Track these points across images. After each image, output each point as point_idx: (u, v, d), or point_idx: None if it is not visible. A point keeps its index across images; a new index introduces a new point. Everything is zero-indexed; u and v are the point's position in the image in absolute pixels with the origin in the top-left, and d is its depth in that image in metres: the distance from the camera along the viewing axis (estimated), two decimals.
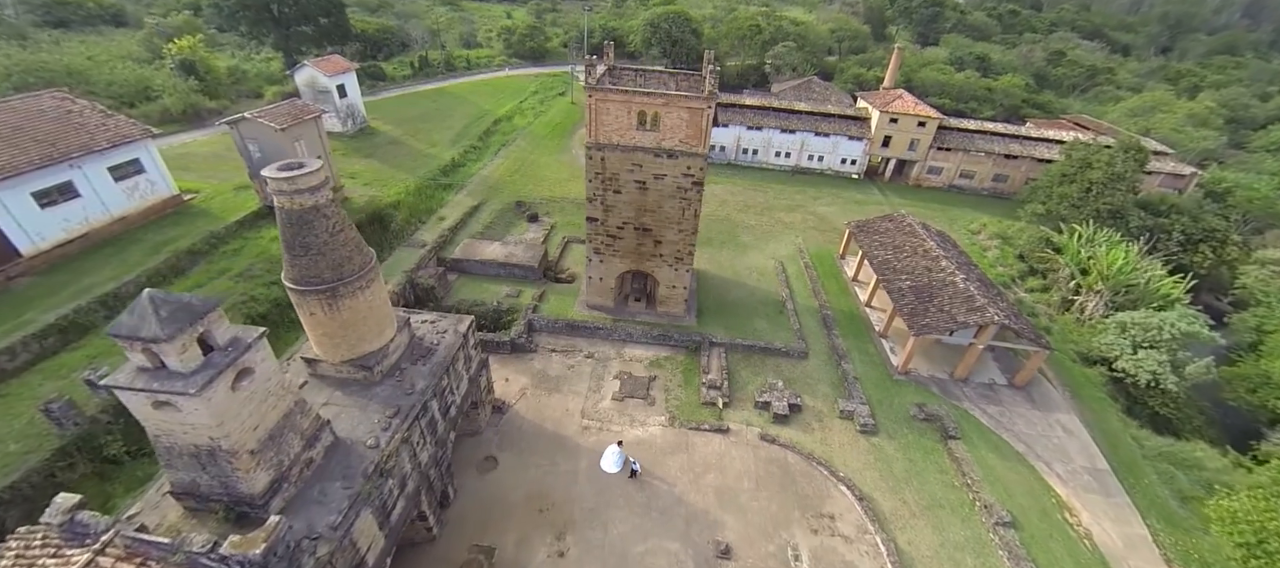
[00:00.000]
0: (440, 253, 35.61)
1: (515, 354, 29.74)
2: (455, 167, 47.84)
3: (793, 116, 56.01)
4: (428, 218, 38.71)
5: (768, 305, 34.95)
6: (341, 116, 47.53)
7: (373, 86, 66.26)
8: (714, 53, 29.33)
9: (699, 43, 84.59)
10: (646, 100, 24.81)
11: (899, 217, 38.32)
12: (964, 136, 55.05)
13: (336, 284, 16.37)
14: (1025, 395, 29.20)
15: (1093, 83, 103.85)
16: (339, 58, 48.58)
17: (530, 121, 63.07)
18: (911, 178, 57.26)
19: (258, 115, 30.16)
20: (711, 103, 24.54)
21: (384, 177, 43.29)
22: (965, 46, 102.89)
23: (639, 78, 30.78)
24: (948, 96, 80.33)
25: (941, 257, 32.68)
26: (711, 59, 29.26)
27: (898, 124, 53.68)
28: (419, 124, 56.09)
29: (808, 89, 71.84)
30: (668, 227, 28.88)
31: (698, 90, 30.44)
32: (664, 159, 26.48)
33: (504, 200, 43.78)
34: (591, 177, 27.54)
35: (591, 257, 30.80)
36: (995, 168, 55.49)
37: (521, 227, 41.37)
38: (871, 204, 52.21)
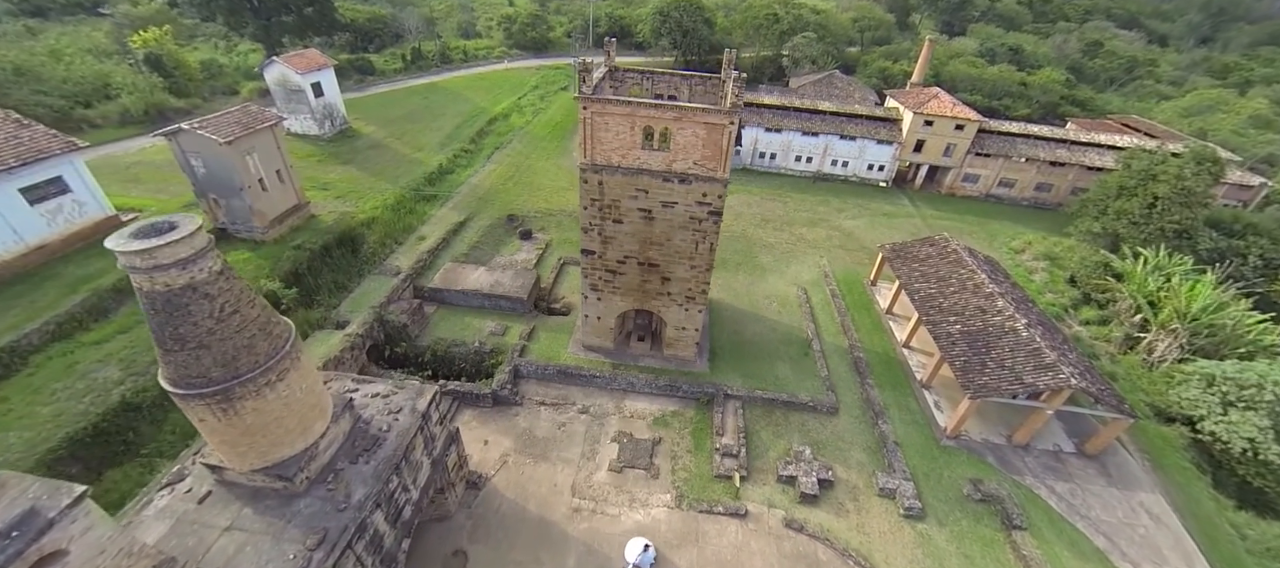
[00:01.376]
0: (418, 281, 31.41)
1: (498, 409, 25.63)
2: (443, 174, 43.45)
3: (815, 117, 50.88)
4: (406, 238, 34.45)
5: (790, 345, 30.49)
6: (318, 118, 43.22)
7: (361, 81, 61.79)
8: (735, 52, 24.59)
9: (712, 33, 78.98)
10: (654, 114, 20.23)
11: (941, 240, 33.52)
12: (1005, 141, 49.70)
13: (231, 384, 12.17)
14: (1099, 467, 24.64)
15: (1131, 76, 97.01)
16: (314, 52, 44.15)
17: (528, 120, 58.38)
18: (944, 186, 52.08)
19: (199, 125, 25.89)
20: (735, 117, 19.90)
21: (361, 187, 39.02)
22: (996, 37, 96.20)
23: (645, 82, 26.12)
24: (979, 92, 74.41)
25: (996, 293, 27.96)
26: (732, 59, 24.59)
27: (933, 126, 48.44)
28: (406, 125, 51.64)
29: (829, 84, 66.37)
30: (678, 262, 24.43)
31: (717, 100, 25.78)
32: (675, 184, 21.96)
33: (494, 214, 39.40)
34: (587, 203, 23.10)
35: (587, 294, 26.47)
36: (1039, 176, 50.15)
37: (513, 245, 37.03)
38: (901, 217, 47.25)
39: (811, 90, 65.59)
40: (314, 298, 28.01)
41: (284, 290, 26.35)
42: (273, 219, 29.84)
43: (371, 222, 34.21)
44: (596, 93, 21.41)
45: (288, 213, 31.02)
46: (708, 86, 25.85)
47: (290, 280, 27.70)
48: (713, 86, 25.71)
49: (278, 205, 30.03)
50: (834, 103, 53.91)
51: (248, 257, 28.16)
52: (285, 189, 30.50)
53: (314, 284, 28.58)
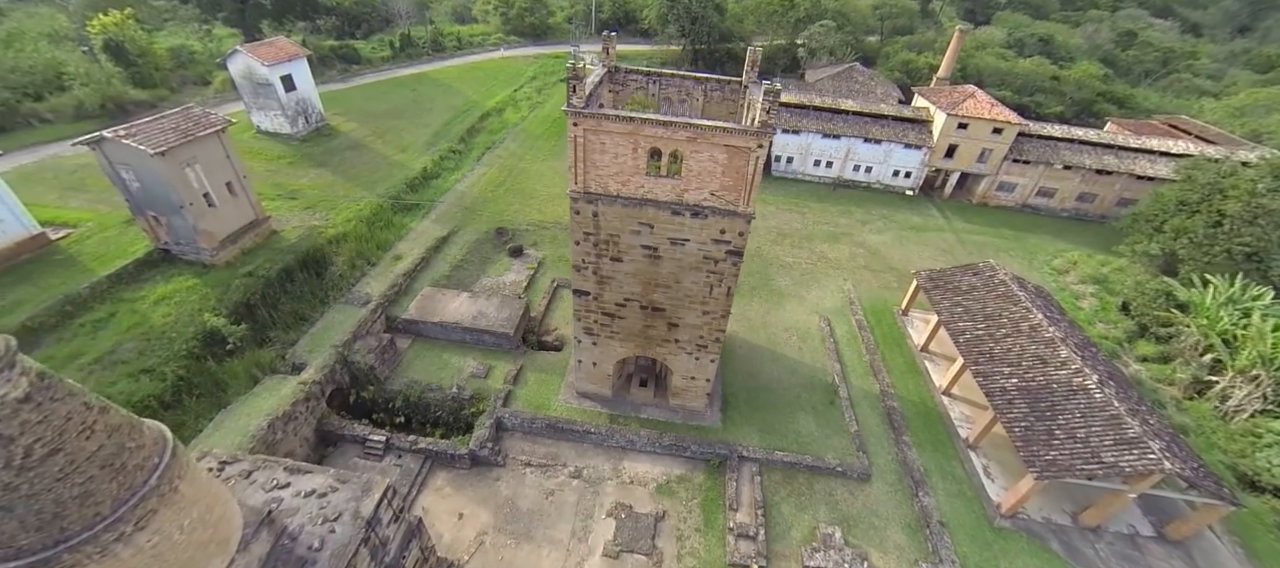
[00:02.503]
0: (390, 310, 27.69)
1: (476, 471, 22.08)
2: (427, 179, 39.43)
3: (837, 118, 46.38)
4: (380, 257, 30.60)
5: (813, 391, 26.70)
6: (289, 115, 39.13)
7: (345, 72, 57.43)
8: (758, 51, 20.41)
9: (722, 20, 73.76)
10: (662, 133, 16.20)
11: (986, 268, 29.44)
12: (1046, 146, 45.11)
13: (53, 553, 8.48)
14: (1183, 556, 20.91)
15: (1167, 70, 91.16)
16: (284, 41, 39.87)
17: (524, 116, 54.03)
18: (977, 194, 47.67)
19: (125, 133, 21.96)
20: (764, 139, 15.84)
21: (335, 194, 35.12)
22: (1024, 26, 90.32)
23: (651, 86, 21.98)
24: (1007, 87, 69.23)
25: (1057, 338, 24.01)
26: (755, 59, 20.38)
27: (967, 130, 43.89)
28: (390, 121, 47.46)
29: (848, 78, 61.52)
30: (688, 307, 20.58)
31: (736, 108, 21.66)
32: (686, 218, 18.01)
33: (481, 227, 35.45)
34: (579, 237, 19.21)
35: (581, 338, 22.68)
36: (1082, 185, 45.66)
37: (501, 264, 33.17)
38: (931, 230, 43.02)
39: (830, 85, 60.84)
40: (267, 334, 24.34)
41: (230, 327, 22.69)
42: (224, 239, 26.09)
43: (342, 238, 30.38)
44: (590, 105, 17.35)
45: (243, 230, 27.24)
46: (726, 93, 21.70)
47: (240, 313, 24.05)
48: (732, 93, 21.56)
49: (229, 223, 26.25)
50: (856, 101, 49.29)
51: (192, 284, 24.46)
52: (239, 204, 26.68)
53: (269, 317, 24.91)
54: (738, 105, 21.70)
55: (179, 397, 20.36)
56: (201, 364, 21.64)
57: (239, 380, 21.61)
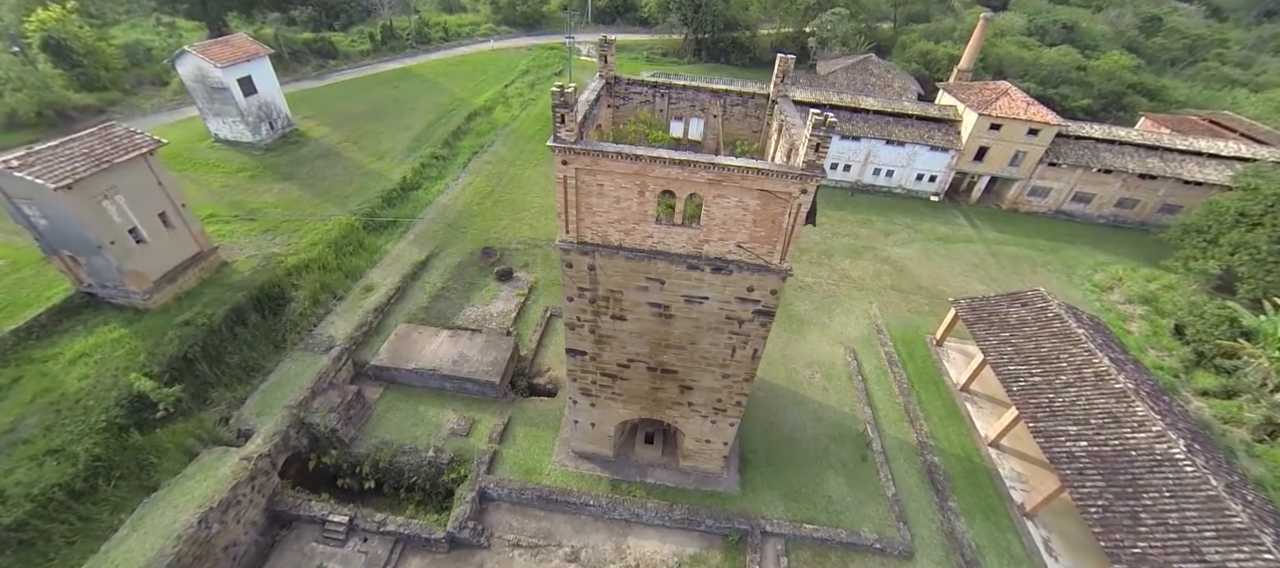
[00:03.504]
0: (358, 354, 24.17)
1: (456, 555, 18.83)
2: (406, 191, 35.63)
3: (856, 117, 42.46)
4: (349, 288, 26.99)
5: (843, 443, 23.40)
6: (250, 121, 35.10)
7: (320, 68, 53.08)
8: (789, 60, 16.70)
9: (727, 8, 69.14)
10: (678, 174, 12.54)
11: (1035, 298, 25.95)
12: (1086, 148, 41.33)
13: None
14: None
15: (1194, 58, 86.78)
16: (242, 38, 35.66)
17: (515, 115, 49.96)
18: (1007, 200, 43.98)
19: (21, 163, 18.18)
20: (811, 184, 12.21)
21: (300, 212, 31.36)
22: (1045, 11, 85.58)
23: (659, 99, 18.22)
24: (1031, 79, 65.09)
25: (1129, 390, 20.65)
26: (787, 68, 16.62)
27: (1000, 131, 40.05)
28: (368, 124, 43.42)
29: (863, 71, 57.29)
30: (705, 370, 17.12)
31: (761, 125, 17.96)
32: (706, 273, 14.44)
33: (466, 247, 31.78)
34: (572, 294, 15.65)
35: (576, 398, 19.25)
36: (1123, 190, 41.98)
37: (488, 290, 29.59)
38: (959, 241, 39.44)
39: (843, 78, 56.65)
40: (210, 393, 20.85)
41: (161, 391, 19.18)
42: (159, 279, 22.44)
43: (305, 267, 26.72)
44: (585, 131, 13.64)
45: (184, 266, 23.59)
46: (749, 108, 17.94)
47: (176, 370, 20.51)
48: (756, 108, 17.82)
49: (165, 260, 22.59)
50: (873, 96, 45.35)
51: (119, 336, 20.88)
52: (177, 237, 22.99)
53: (212, 372, 21.39)
54: (763, 123, 17.98)
55: (93, 483, 16.94)
56: (124, 439, 18.18)
57: (171, 456, 18.20)
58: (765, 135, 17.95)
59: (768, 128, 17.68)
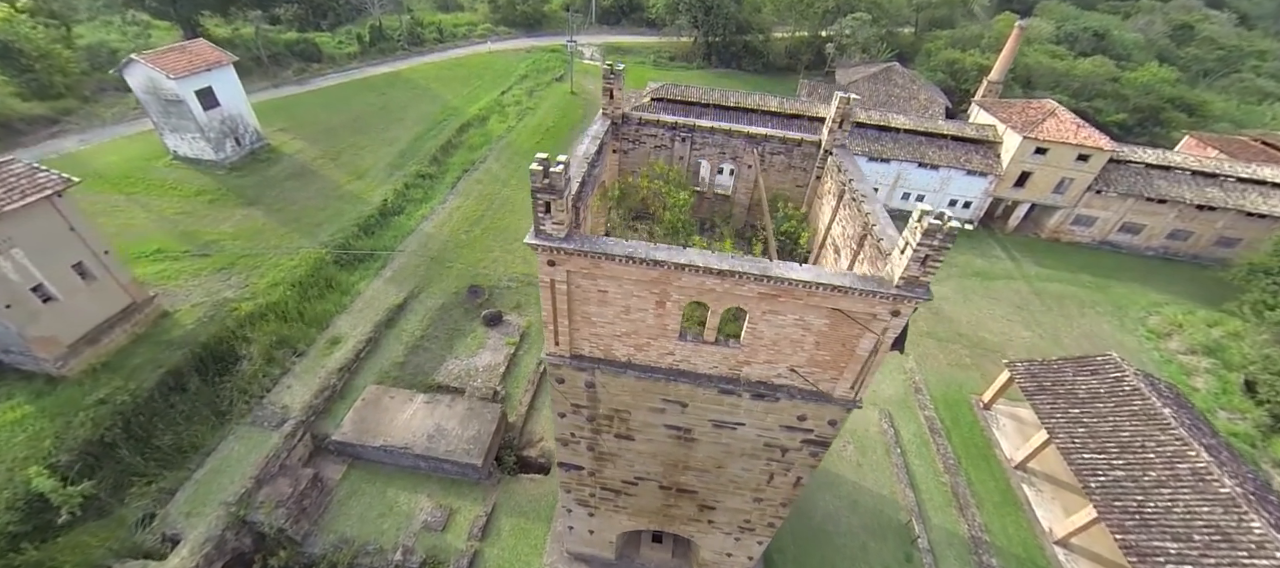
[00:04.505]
0: (317, 426, 20.63)
1: None
2: (386, 216, 32.00)
3: (886, 137, 38.70)
4: (312, 341, 23.40)
5: (884, 538, 19.88)
6: (211, 137, 31.40)
7: (302, 72, 49.32)
8: (850, 101, 13.01)
9: (739, 10, 65.21)
10: (717, 286, 8.82)
11: (1106, 365, 22.25)
12: (1137, 176, 37.52)
13: None
14: None
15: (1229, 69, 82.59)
16: (202, 44, 31.90)
17: (511, 126, 46.25)
18: (1047, 228, 40.24)
19: None
20: (907, 305, 8.57)
21: (264, 244, 27.75)
22: (1073, 18, 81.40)
23: (676, 143, 14.54)
24: (1063, 91, 61.25)
25: (1238, 495, 17.06)
26: (847, 111, 12.91)
27: (1046, 155, 36.27)
28: (350, 137, 39.72)
29: (887, 81, 53.42)
30: (733, 492, 13.54)
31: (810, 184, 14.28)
32: (742, 398, 10.80)
33: (451, 285, 28.19)
34: (565, 410, 12.06)
35: (570, 507, 15.68)
36: (1177, 220, 38.21)
37: (474, 337, 25.98)
38: (999, 278, 35.75)
39: (865, 88, 52.79)
40: (132, 483, 17.33)
41: (63, 492, 15.65)
42: (77, 340, 18.89)
43: (261, 316, 23.15)
44: (579, 227, 9.99)
45: (111, 323, 20.03)
46: (793, 158, 14.25)
47: (90, 458, 16.98)
48: (804, 158, 14.15)
49: (84, 318, 19.03)
50: (898, 108, 41.61)
51: (22, 415, 17.34)
52: (100, 289, 19.42)
53: (137, 458, 17.83)
54: (810, 175, 14.30)
55: None
56: (16, 557, 14.66)
57: None
58: (814, 193, 14.29)
59: (818, 184, 14.03)
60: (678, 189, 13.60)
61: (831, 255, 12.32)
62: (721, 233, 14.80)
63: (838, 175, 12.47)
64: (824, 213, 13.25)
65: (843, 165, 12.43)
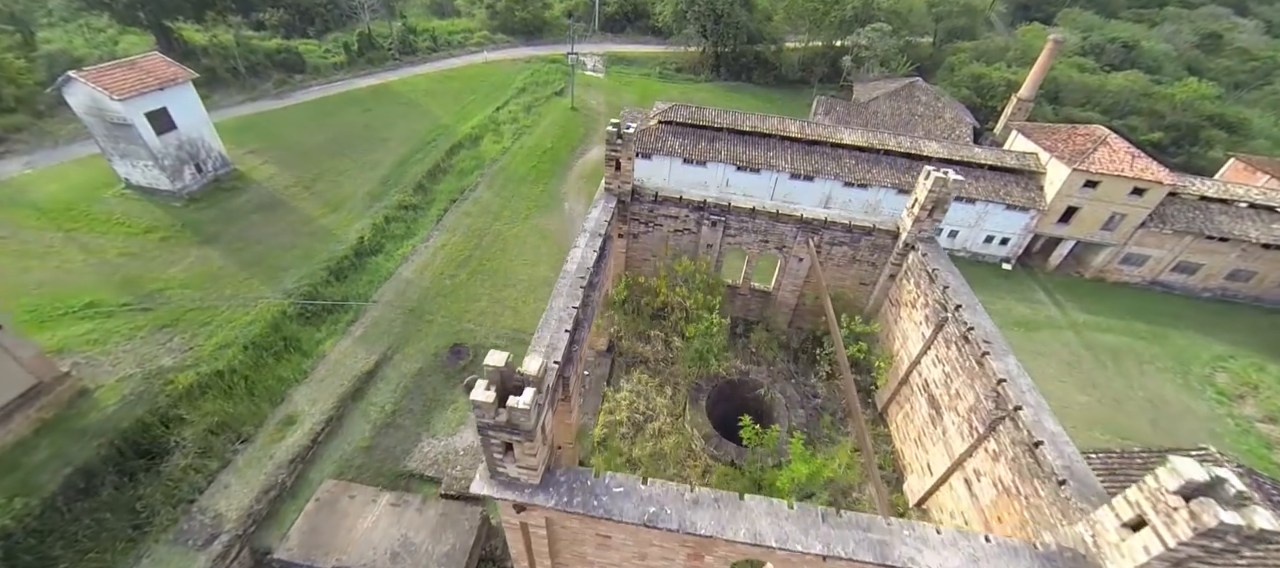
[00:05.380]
0: (257, 538, 17.12)
1: None
2: (361, 257, 28.55)
3: (917, 167, 35.12)
4: (262, 421, 19.90)
5: None
6: (167, 165, 27.92)
7: (283, 85, 45.92)
8: (945, 177, 9.65)
9: (751, 19, 61.79)
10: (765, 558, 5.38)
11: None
12: (1195, 211, 33.94)
13: None
14: None
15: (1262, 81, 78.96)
16: (156, 59, 28.39)
17: (506, 147, 42.82)
18: (1092, 267, 36.67)
19: None
20: None
21: (217, 293, 24.28)
22: (1098, 27, 77.94)
23: (703, 225, 11.06)
24: (1094, 107, 57.85)
25: None
26: (939, 199, 9.29)
27: (1097, 189, 32.72)
28: (328, 159, 36.30)
29: (909, 98, 49.95)
30: None
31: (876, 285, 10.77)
32: None
33: (430, 345, 24.69)
34: None
35: None
36: (1239, 260, 34.63)
37: (455, 411, 22.46)
38: (1043, 327, 32.19)
39: (886, 105, 49.39)
40: None
41: None
42: None
43: (203, 389, 19.67)
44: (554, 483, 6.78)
45: (7, 411, 16.53)
46: (859, 250, 10.80)
47: None
48: (875, 253, 10.69)
49: None
50: (941, 142, 38.00)
51: None
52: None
53: None
54: (883, 274, 10.82)
55: None
56: None
57: None
58: (885, 296, 10.82)
59: (892, 285, 10.55)
60: (706, 293, 10.13)
61: (923, 405, 8.85)
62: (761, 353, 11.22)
63: (929, 285, 8.99)
64: (906, 335, 9.77)
65: (936, 271, 8.93)
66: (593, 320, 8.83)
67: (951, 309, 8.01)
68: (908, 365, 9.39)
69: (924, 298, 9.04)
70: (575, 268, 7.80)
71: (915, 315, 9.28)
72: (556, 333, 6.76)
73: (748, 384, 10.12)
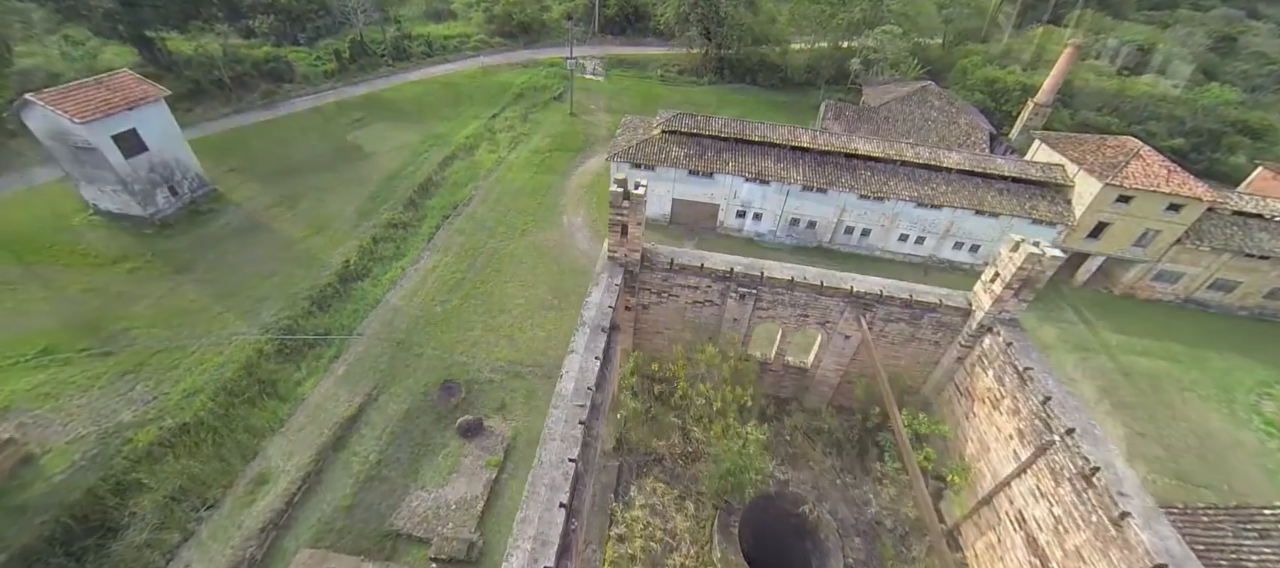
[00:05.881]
0: None
1: None
2: (347, 283, 26.68)
3: (937, 179, 33.22)
4: (231, 482, 18.02)
5: None
6: (137, 189, 26.03)
7: (270, 96, 43.99)
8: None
9: (754, 21, 59.82)
10: None
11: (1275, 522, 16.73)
12: (1234, 227, 31.98)
13: None
14: None
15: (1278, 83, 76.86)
16: (126, 77, 26.43)
17: (502, 157, 40.97)
18: (1121, 284, 34.73)
19: None
20: None
21: (189, 331, 22.41)
22: (1109, 28, 75.83)
23: (733, 300, 9.15)
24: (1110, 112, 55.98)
25: None
26: (1031, 278, 7.36)
27: (1130, 204, 30.78)
28: (313, 176, 34.43)
29: (922, 103, 47.96)
30: None
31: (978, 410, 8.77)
32: None
33: (420, 381, 22.81)
34: None
35: None
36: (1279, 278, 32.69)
37: (447, 457, 20.60)
38: (1075, 348, 30.28)
39: (898, 110, 47.43)
40: None
41: None
42: None
43: (165, 448, 17.80)
44: None
45: None
46: (922, 327, 8.90)
47: None
48: (939, 328, 8.80)
49: None
50: (961, 152, 36.04)
51: None
52: None
53: None
54: (949, 355, 8.93)
55: None
56: None
57: None
58: (950, 383, 8.92)
59: (962, 370, 8.66)
60: (734, 385, 8.21)
61: (1017, 545, 6.86)
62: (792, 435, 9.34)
63: (1019, 388, 7.09)
64: (986, 443, 7.86)
65: (1030, 372, 7.02)
66: (595, 467, 6.93)
67: (1061, 433, 6.16)
68: (991, 484, 7.52)
69: (1012, 402, 7.16)
70: (573, 388, 5.96)
71: (999, 420, 7.41)
72: (547, 510, 4.88)
73: (788, 498, 8.24)
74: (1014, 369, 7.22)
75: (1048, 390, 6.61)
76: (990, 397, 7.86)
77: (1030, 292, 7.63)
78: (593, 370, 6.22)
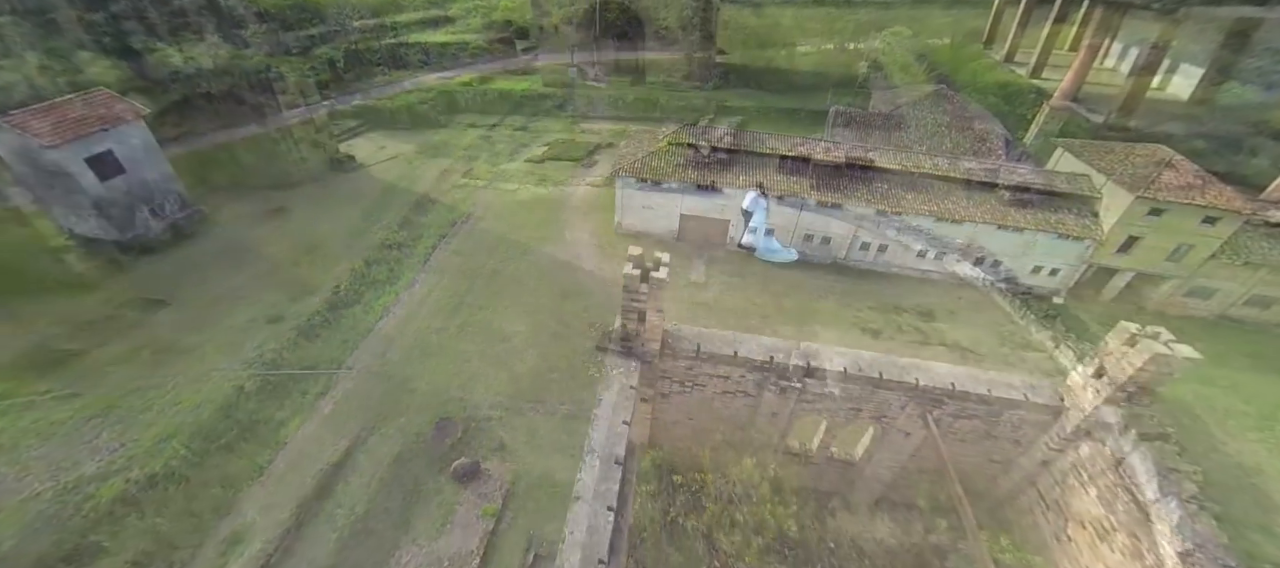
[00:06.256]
0: None
1: None
2: (337, 310, 25.20)
3: (957, 192, 31.60)
4: (201, 541, 16.52)
5: None
6: (114, 215, 24.64)
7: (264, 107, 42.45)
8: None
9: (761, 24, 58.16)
10: None
11: None
12: (1274, 241, 30.27)
13: None
14: None
15: None
16: (102, 95, 25.05)
17: (502, 168, 39.51)
18: (1152, 301, 32.98)
19: None
20: None
21: (165, 368, 20.95)
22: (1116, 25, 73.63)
23: (773, 393, 7.67)
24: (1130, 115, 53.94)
25: None
26: (1146, 383, 6.16)
27: (1162, 217, 29.12)
28: (304, 190, 33.13)
29: (934, 107, 46.37)
30: None
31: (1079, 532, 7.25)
32: None
33: (413, 419, 21.29)
34: None
35: None
36: None
37: (440, 508, 19.05)
38: None
39: (910, 115, 45.82)
40: None
41: None
42: None
43: (131, 505, 16.34)
44: None
45: None
46: (1000, 425, 7.43)
47: None
48: (1020, 428, 7.29)
49: None
50: (980, 160, 34.44)
51: None
52: None
53: None
54: (1032, 458, 7.38)
55: None
56: None
57: None
58: (1031, 487, 7.36)
59: (1048, 474, 7.11)
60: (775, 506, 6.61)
61: None
62: None
63: (1134, 511, 5.69)
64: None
65: (1154, 502, 5.45)
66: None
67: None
68: None
69: (1131, 541, 5.58)
70: (579, 560, 4.46)
71: (1111, 560, 5.85)
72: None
73: None
74: (1132, 498, 5.69)
75: (1193, 537, 5.03)
76: (1095, 521, 6.32)
77: (1148, 398, 6.10)
78: (605, 530, 4.64)
